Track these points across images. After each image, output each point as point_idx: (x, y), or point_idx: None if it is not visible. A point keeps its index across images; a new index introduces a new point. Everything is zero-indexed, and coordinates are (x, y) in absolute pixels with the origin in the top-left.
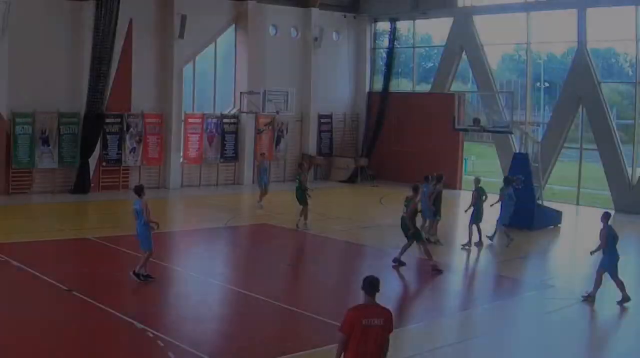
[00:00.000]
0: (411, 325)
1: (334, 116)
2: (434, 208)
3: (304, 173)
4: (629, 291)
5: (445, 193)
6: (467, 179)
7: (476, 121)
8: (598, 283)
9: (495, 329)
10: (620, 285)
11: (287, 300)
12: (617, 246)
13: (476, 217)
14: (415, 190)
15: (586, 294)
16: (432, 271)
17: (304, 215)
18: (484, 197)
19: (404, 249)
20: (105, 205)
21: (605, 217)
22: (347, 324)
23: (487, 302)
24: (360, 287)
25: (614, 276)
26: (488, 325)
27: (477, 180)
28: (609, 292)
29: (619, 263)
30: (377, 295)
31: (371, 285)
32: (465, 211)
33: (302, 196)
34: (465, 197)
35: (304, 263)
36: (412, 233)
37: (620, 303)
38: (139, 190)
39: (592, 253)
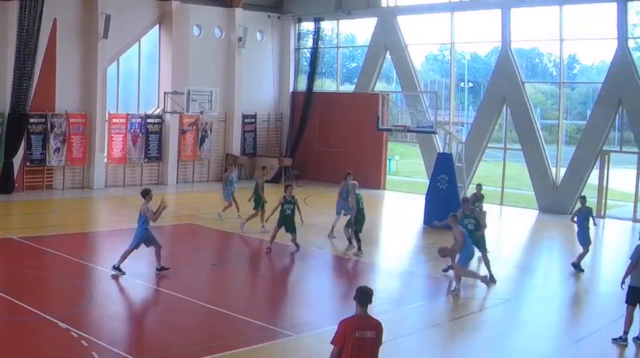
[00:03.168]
0: (334, 326)
1: (258, 116)
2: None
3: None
4: (559, 289)
5: (369, 193)
6: (391, 179)
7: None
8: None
9: (420, 329)
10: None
11: (212, 300)
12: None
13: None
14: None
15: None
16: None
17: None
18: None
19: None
20: (30, 205)
21: (453, 217)
22: (339, 336)
23: (412, 302)
24: (352, 297)
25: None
26: (412, 325)
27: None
28: (533, 290)
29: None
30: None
31: (364, 296)
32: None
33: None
34: (390, 197)
35: (229, 264)
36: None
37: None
38: (143, 194)
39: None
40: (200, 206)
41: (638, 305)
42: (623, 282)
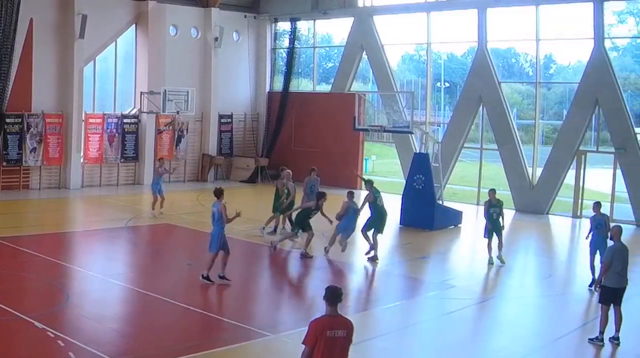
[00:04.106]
0: (306, 327)
1: (234, 116)
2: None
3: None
4: (535, 289)
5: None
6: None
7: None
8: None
9: (395, 330)
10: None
11: (187, 300)
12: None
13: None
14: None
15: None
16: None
17: (270, 221)
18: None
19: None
20: (6, 205)
21: (350, 194)
22: (311, 336)
23: (388, 302)
24: (321, 297)
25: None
26: (389, 325)
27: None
28: (510, 290)
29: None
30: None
31: (333, 295)
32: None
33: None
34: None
35: (205, 264)
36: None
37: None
38: (219, 193)
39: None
40: (176, 206)
41: (612, 305)
42: (598, 285)
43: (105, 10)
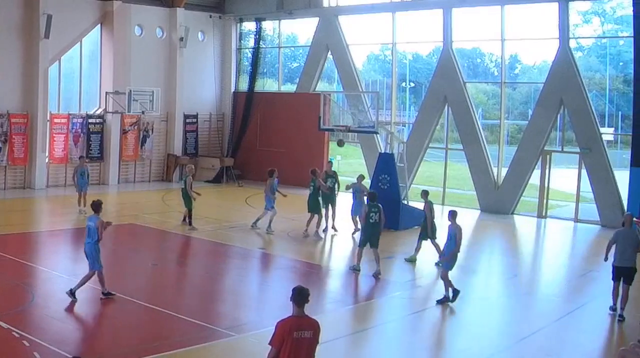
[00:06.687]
0: (271, 327)
1: (199, 116)
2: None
3: (319, 179)
4: (500, 289)
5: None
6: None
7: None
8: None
9: (361, 329)
10: None
11: (153, 300)
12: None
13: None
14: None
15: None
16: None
17: (318, 223)
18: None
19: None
20: None
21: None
22: (278, 337)
23: (353, 302)
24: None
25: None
26: (354, 325)
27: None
28: (475, 290)
29: None
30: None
31: (301, 295)
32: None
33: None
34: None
35: (170, 264)
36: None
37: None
38: (97, 207)
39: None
40: (141, 206)
41: (622, 282)
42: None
43: (70, 10)
